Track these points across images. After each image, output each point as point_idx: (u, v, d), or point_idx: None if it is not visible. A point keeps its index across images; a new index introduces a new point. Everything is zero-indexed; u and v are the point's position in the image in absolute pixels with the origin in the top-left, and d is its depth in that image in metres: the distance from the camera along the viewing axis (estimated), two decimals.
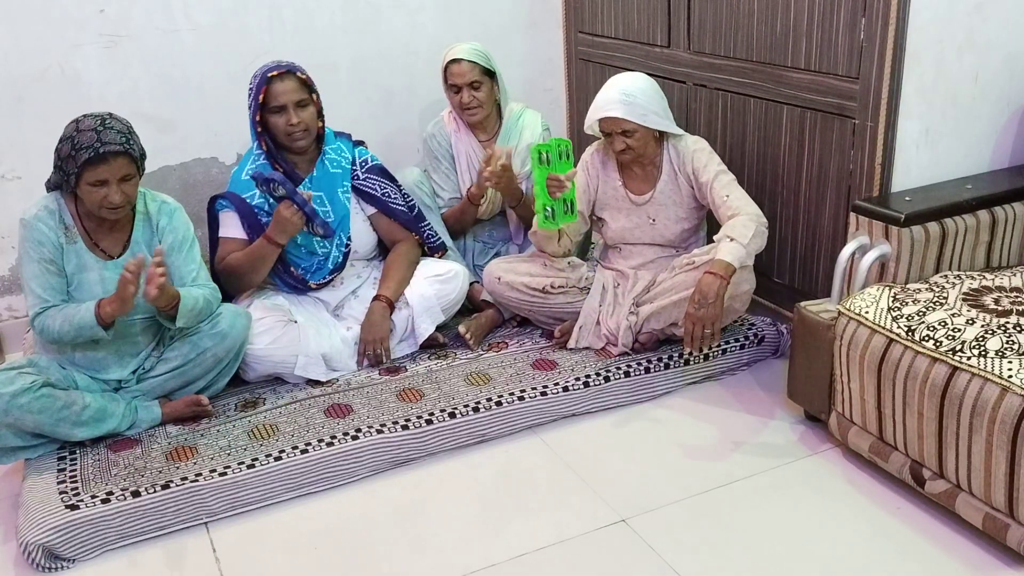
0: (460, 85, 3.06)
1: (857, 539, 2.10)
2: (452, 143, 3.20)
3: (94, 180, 2.30)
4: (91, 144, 2.27)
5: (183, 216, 2.58)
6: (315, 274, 2.82)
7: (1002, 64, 2.53)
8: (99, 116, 2.34)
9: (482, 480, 2.40)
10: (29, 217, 2.40)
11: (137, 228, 2.50)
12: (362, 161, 2.91)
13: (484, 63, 3.07)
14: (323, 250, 2.81)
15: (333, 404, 2.60)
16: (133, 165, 2.34)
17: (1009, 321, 2.05)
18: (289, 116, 2.69)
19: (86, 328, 2.35)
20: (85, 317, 2.35)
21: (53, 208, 2.42)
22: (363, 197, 2.90)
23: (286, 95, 2.68)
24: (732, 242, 2.52)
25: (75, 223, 2.43)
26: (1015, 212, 2.44)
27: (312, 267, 2.81)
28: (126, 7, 3.15)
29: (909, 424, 2.11)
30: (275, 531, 2.24)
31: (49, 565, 2.13)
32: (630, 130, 2.67)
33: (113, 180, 2.31)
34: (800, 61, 2.69)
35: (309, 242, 2.79)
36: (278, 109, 2.69)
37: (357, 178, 2.88)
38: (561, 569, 2.07)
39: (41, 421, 2.32)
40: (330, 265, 2.83)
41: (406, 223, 2.94)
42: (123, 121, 2.37)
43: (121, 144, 2.30)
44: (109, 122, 2.33)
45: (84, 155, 2.27)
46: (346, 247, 2.85)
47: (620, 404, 2.68)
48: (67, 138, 2.32)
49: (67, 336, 2.38)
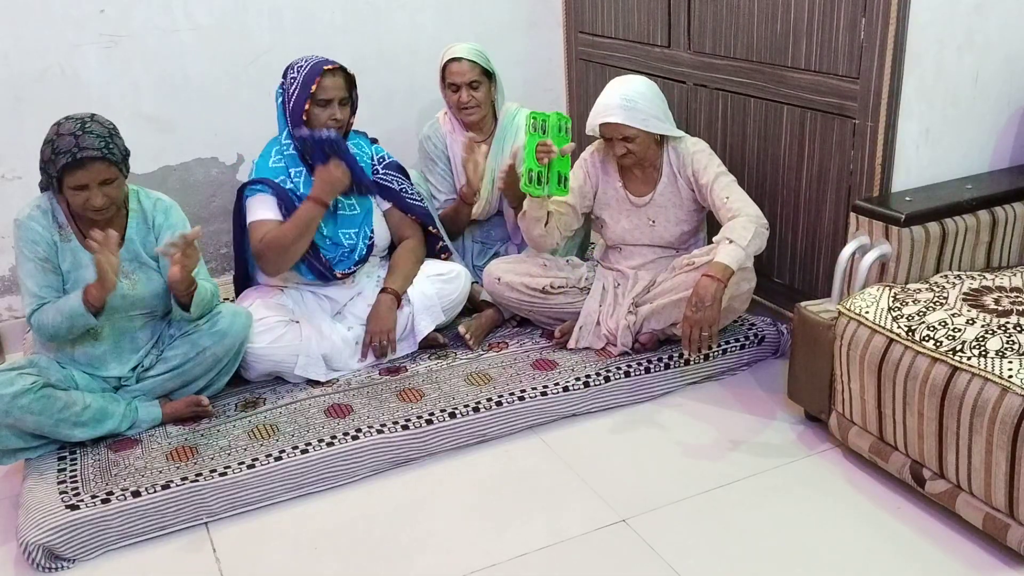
0: (459, 84, 3.06)
1: (857, 539, 2.10)
2: (448, 144, 3.20)
3: (74, 184, 2.30)
4: (69, 149, 2.26)
5: (179, 212, 2.58)
6: (340, 264, 2.82)
7: (1002, 64, 2.54)
8: (80, 119, 2.32)
9: (482, 480, 2.40)
10: (23, 217, 2.41)
11: (131, 225, 2.50)
12: (379, 158, 2.95)
13: (484, 63, 3.07)
14: (349, 242, 2.82)
15: (333, 404, 2.60)
16: (113, 168, 2.33)
17: (1009, 321, 2.05)
18: (334, 111, 2.74)
19: (77, 316, 2.34)
20: (74, 305, 2.34)
21: (46, 208, 2.42)
22: (381, 192, 2.92)
23: (336, 90, 2.74)
24: (731, 244, 2.52)
25: (68, 222, 2.44)
26: (1015, 212, 2.44)
27: (336, 258, 2.81)
28: (126, 7, 3.16)
29: (909, 424, 2.11)
30: (275, 531, 2.24)
31: (49, 565, 2.13)
32: (631, 136, 2.67)
33: (93, 184, 2.31)
34: (800, 61, 2.69)
35: (335, 233, 2.80)
36: (324, 103, 2.73)
37: (377, 173, 2.91)
38: (561, 569, 2.07)
39: (41, 422, 2.32)
40: (356, 257, 2.83)
41: (423, 217, 2.96)
42: (105, 124, 2.35)
43: (99, 149, 2.28)
44: (89, 126, 2.31)
45: (62, 160, 2.26)
46: (370, 240, 2.86)
47: (620, 404, 2.68)
48: (48, 142, 2.31)
49: (62, 328, 2.37)
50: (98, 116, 2.37)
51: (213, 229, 3.46)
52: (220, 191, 3.42)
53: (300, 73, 2.73)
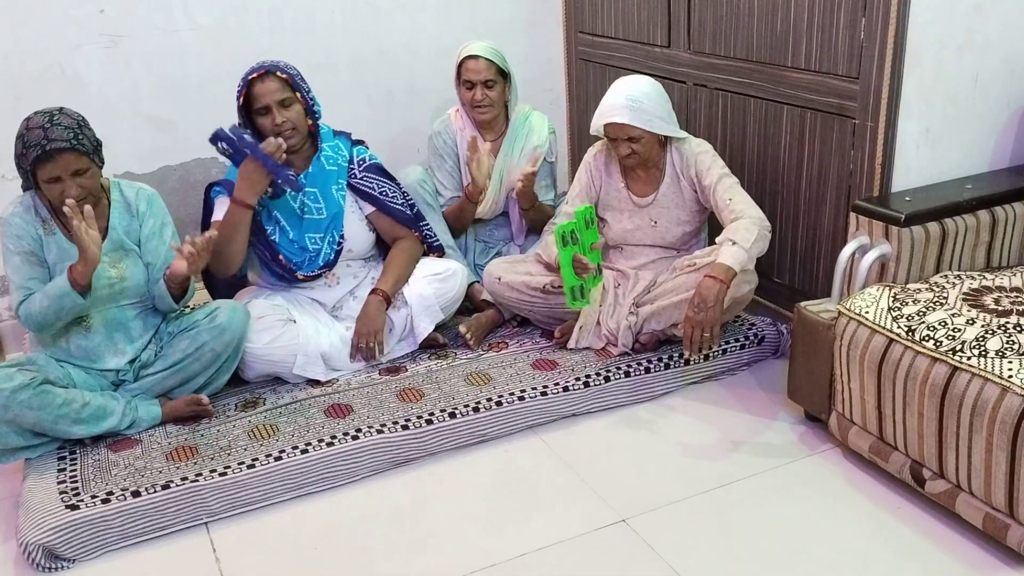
0: (475, 82, 3.07)
1: (857, 539, 2.10)
2: (457, 141, 3.20)
3: (47, 177, 2.32)
4: (38, 142, 2.28)
5: (160, 202, 2.60)
6: (305, 267, 2.81)
7: (1002, 64, 2.53)
8: (48, 112, 2.34)
9: (482, 480, 2.40)
10: (6, 215, 2.43)
11: (114, 215, 2.51)
12: (360, 160, 2.90)
13: (500, 63, 3.08)
14: (314, 247, 2.80)
15: (333, 404, 2.60)
16: (84, 159, 2.34)
17: (1009, 321, 2.05)
18: (273, 116, 2.68)
19: (64, 296, 2.34)
20: (60, 284, 2.35)
21: (28, 204, 2.45)
22: (361, 196, 2.88)
23: (268, 96, 2.66)
24: (734, 246, 2.52)
25: (51, 216, 2.45)
26: (1015, 212, 2.44)
27: (303, 262, 2.80)
28: (126, 7, 3.16)
29: (909, 424, 2.11)
30: (275, 531, 2.24)
31: (49, 565, 2.13)
32: (636, 136, 2.67)
33: (66, 176, 2.32)
34: (800, 61, 2.69)
35: (300, 237, 2.79)
36: (263, 111, 2.68)
37: (355, 177, 2.87)
38: (561, 569, 2.07)
39: (41, 418, 2.32)
40: (320, 261, 2.81)
41: (404, 222, 2.93)
42: (73, 116, 2.36)
43: (68, 140, 2.29)
44: (57, 118, 2.32)
45: (33, 153, 2.28)
46: (338, 245, 2.84)
47: (620, 404, 2.68)
48: (18, 137, 2.33)
49: (49, 313, 2.37)
50: (66, 109, 2.38)
51: None
52: None
53: (239, 85, 2.70)
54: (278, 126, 2.67)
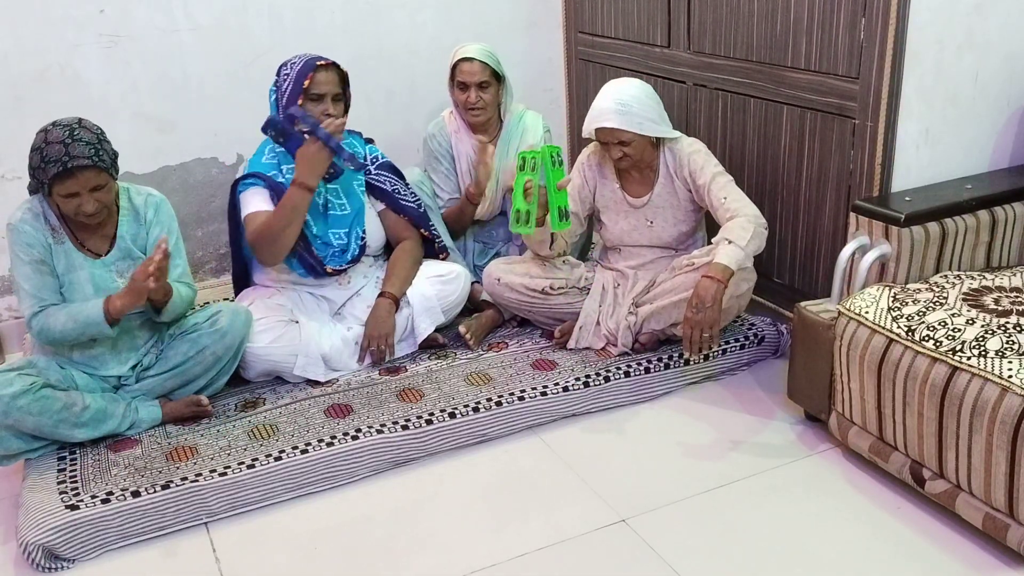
0: (469, 84, 3.07)
1: (857, 539, 2.10)
2: (452, 143, 3.21)
3: (65, 193, 2.30)
4: (59, 158, 2.26)
5: (169, 209, 2.58)
6: (332, 261, 2.81)
7: (1002, 64, 2.54)
8: (68, 126, 2.31)
9: (482, 480, 2.40)
10: (15, 221, 2.40)
11: (122, 224, 2.50)
12: (373, 158, 2.94)
13: (494, 65, 3.08)
14: (339, 242, 2.82)
15: (333, 404, 2.60)
16: (104, 175, 2.32)
17: (1009, 321, 2.05)
18: (327, 106, 2.72)
19: (92, 325, 2.35)
20: (92, 314, 2.34)
21: (37, 211, 2.42)
22: (374, 192, 2.91)
23: (328, 85, 2.72)
24: (730, 245, 2.52)
25: (60, 224, 2.43)
26: (1015, 212, 2.44)
27: (326, 257, 2.81)
28: (126, 7, 3.15)
29: (909, 424, 2.11)
30: (275, 531, 2.24)
31: (49, 565, 2.13)
32: (627, 139, 2.67)
33: (84, 191, 2.31)
34: (800, 61, 2.69)
35: (324, 233, 2.80)
36: (317, 97, 2.71)
37: (369, 173, 2.90)
38: (561, 569, 2.07)
39: (41, 422, 2.32)
40: (348, 256, 2.83)
41: (416, 219, 2.95)
42: (92, 129, 2.34)
43: (89, 157, 2.28)
44: (78, 133, 2.29)
45: (53, 169, 2.26)
46: (362, 240, 2.86)
47: (620, 404, 2.68)
48: (36, 149, 2.30)
49: (70, 334, 2.37)
50: (85, 121, 2.36)
51: (212, 229, 3.46)
52: (220, 191, 3.42)
53: (293, 69, 2.73)
54: (329, 116, 2.70)
